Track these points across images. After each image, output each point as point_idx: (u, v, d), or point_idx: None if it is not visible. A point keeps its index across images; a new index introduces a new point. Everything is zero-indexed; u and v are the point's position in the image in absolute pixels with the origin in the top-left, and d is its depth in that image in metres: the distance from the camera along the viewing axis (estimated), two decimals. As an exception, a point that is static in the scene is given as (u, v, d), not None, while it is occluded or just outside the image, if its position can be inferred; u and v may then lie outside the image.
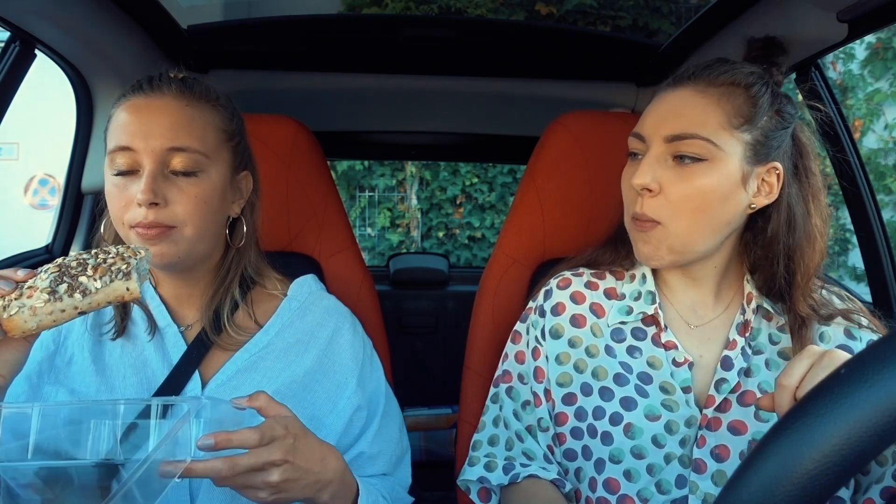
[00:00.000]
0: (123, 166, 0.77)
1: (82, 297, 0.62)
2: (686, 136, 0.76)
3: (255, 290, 0.90)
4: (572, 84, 1.67)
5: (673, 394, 0.81)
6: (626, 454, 0.79)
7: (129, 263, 0.64)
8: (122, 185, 0.78)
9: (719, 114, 0.76)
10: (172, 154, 0.77)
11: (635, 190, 0.79)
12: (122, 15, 1.20)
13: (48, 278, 0.62)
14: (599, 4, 3.63)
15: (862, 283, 5.08)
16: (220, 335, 0.84)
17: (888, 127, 5.34)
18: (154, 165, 0.76)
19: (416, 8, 3.84)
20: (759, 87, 0.78)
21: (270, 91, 1.65)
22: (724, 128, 0.76)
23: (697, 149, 0.76)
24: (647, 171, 0.77)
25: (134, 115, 0.78)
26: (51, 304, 0.61)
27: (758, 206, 0.80)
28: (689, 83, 0.80)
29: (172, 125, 0.78)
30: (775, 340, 0.83)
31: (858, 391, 0.28)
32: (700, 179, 0.76)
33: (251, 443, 0.62)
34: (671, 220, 0.77)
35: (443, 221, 5.93)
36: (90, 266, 0.63)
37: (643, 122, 0.82)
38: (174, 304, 0.87)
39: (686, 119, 0.77)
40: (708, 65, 0.80)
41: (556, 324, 0.89)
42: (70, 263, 0.64)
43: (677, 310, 0.87)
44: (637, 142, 0.82)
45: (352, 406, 0.86)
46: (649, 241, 0.80)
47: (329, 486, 0.70)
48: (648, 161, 0.78)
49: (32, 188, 5.61)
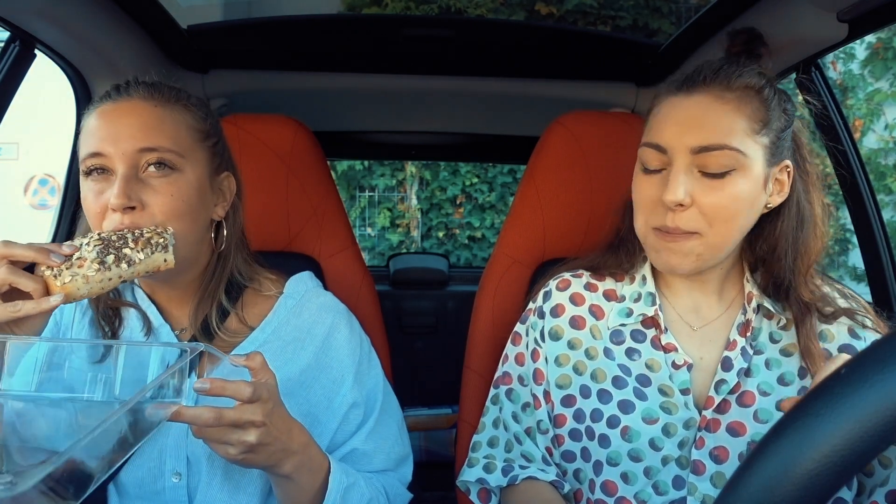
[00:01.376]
0: (93, 172, 0.77)
1: (127, 266, 0.69)
2: (715, 146, 0.74)
3: (247, 293, 0.90)
4: (572, 84, 1.67)
5: (672, 396, 0.80)
6: (623, 457, 0.79)
7: (165, 238, 0.72)
8: (98, 191, 0.76)
9: (742, 120, 0.75)
10: (144, 154, 0.76)
11: (665, 205, 0.76)
12: (122, 15, 1.20)
13: (94, 250, 0.68)
14: (599, 4, 3.62)
15: (862, 283, 5.08)
16: (212, 340, 0.84)
17: (888, 127, 5.34)
18: (126, 168, 0.75)
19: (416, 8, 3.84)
20: (769, 90, 0.77)
21: (270, 91, 1.65)
22: (748, 134, 0.75)
23: (727, 159, 0.74)
24: (679, 187, 0.74)
25: (102, 120, 0.77)
26: (101, 272, 0.67)
27: (773, 205, 0.80)
28: (704, 89, 0.77)
29: (142, 126, 0.77)
30: (776, 339, 0.83)
31: (858, 391, 0.28)
32: (730, 189, 0.74)
33: (243, 395, 0.63)
34: (708, 230, 0.76)
35: (443, 221, 5.93)
36: (130, 240, 0.70)
37: (662, 133, 0.78)
38: (168, 307, 0.87)
39: (712, 129, 0.74)
40: (719, 68, 0.78)
41: (555, 325, 0.89)
42: (111, 238, 0.69)
43: (679, 312, 0.86)
44: (657, 154, 0.78)
45: (347, 403, 0.86)
46: (679, 251, 0.77)
47: (292, 458, 0.71)
48: (677, 175, 0.75)
49: (32, 188, 5.60)
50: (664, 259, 0.79)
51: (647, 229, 0.81)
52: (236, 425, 0.64)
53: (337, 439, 0.86)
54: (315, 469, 0.75)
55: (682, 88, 0.78)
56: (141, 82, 0.81)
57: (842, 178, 1.30)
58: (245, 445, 0.65)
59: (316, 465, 0.76)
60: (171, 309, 0.87)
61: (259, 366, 0.68)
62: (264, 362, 0.68)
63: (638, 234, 0.83)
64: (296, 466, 0.72)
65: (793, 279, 0.81)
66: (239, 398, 0.64)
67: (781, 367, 0.80)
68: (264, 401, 0.65)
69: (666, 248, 0.78)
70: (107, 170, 0.76)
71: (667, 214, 0.76)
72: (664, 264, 0.80)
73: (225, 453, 0.66)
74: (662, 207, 0.77)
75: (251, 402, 0.64)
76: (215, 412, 0.62)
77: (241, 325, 0.87)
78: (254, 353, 0.68)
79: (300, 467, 0.73)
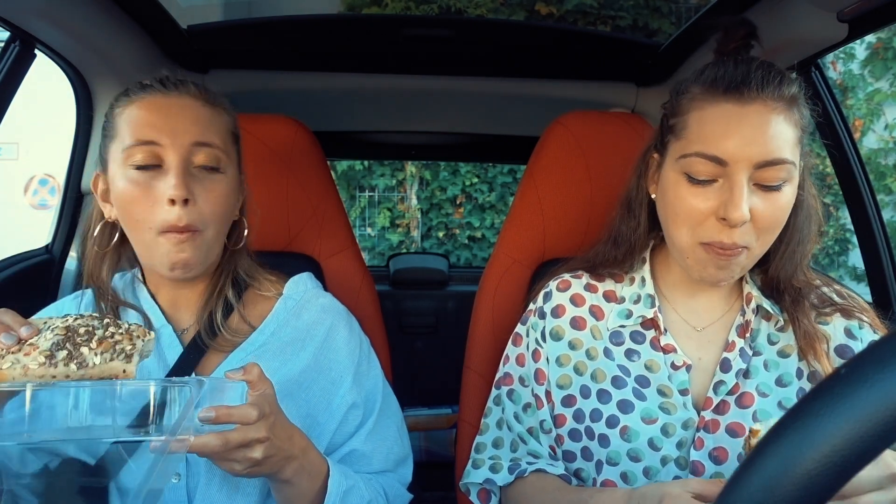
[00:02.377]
0: (143, 161, 0.76)
1: (77, 368, 0.61)
2: (778, 161, 0.72)
3: (248, 292, 0.90)
4: (572, 84, 1.67)
5: (670, 396, 0.80)
6: (623, 457, 0.79)
7: (136, 345, 0.64)
8: (144, 182, 0.76)
9: (793, 132, 0.74)
10: (197, 149, 0.78)
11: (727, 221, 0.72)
12: (122, 15, 1.20)
13: (52, 339, 0.61)
14: (599, 4, 3.63)
15: (862, 283, 5.08)
16: (216, 339, 0.84)
17: (888, 127, 5.34)
18: (180, 161, 0.76)
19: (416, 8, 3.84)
20: (803, 95, 0.76)
21: (270, 91, 1.65)
22: (796, 145, 0.74)
23: (784, 173, 0.73)
24: (745, 204, 0.71)
25: (155, 112, 0.77)
26: (44, 367, 0.60)
27: None
28: (758, 98, 0.72)
29: (196, 121, 0.78)
30: (774, 340, 0.83)
31: (858, 391, 0.28)
32: (782, 200, 0.74)
33: (250, 419, 0.63)
34: (756, 243, 0.75)
35: (443, 221, 5.93)
36: (96, 338, 0.62)
37: (721, 145, 0.72)
38: (170, 308, 0.87)
39: (774, 143, 0.72)
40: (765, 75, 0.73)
41: (556, 326, 0.89)
42: (78, 329, 0.63)
43: (679, 313, 0.86)
44: (712, 166, 0.73)
45: (346, 404, 0.86)
46: (728, 266, 0.76)
47: (292, 462, 0.71)
48: (741, 191, 0.71)
49: (32, 188, 5.61)
50: (711, 274, 0.77)
51: (693, 243, 0.76)
52: (242, 446, 0.63)
53: (336, 440, 0.86)
54: (314, 473, 0.75)
55: (732, 94, 0.73)
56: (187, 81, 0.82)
57: (842, 179, 1.30)
58: (251, 461, 0.65)
59: (315, 468, 0.76)
60: (174, 309, 0.87)
61: (257, 378, 0.66)
62: (261, 373, 0.66)
63: (677, 246, 0.79)
64: (296, 471, 0.72)
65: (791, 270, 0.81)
66: (246, 422, 0.63)
67: (780, 369, 0.80)
68: (267, 416, 0.65)
69: (715, 263, 0.76)
70: (156, 160, 0.76)
71: (722, 230, 0.73)
72: (710, 278, 0.78)
73: (231, 469, 0.66)
74: (716, 221, 0.73)
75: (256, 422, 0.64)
76: (222, 438, 0.62)
77: (242, 324, 0.87)
78: (250, 364, 0.66)
79: (300, 471, 0.73)
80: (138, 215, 0.77)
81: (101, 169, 0.83)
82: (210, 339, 0.84)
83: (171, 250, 0.76)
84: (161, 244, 0.77)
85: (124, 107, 0.80)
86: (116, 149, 0.79)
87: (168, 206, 0.75)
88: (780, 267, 0.82)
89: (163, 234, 0.76)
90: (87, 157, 1.37)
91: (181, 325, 0.87)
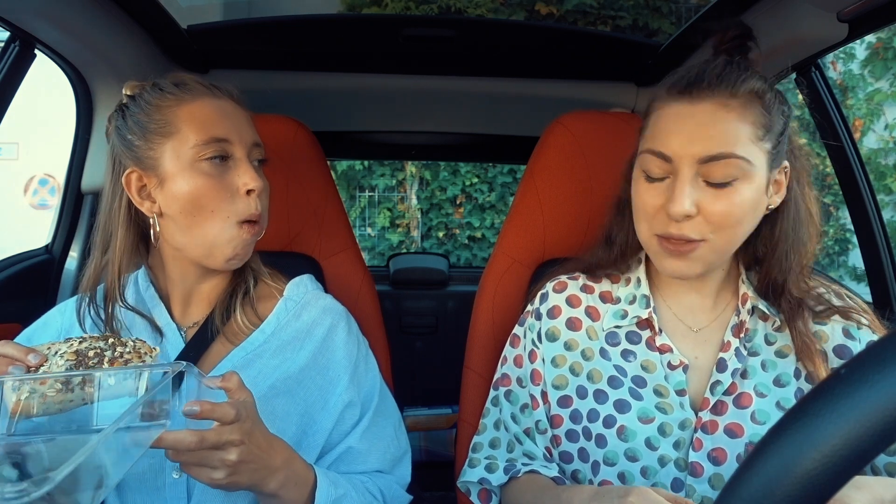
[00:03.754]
0: (216, 154, 0.80)
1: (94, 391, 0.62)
2: (722, 156, 0.73)
3: (259, 284, 0.92)
4: (572, 84, 1.67)
5: (667, 396, 0.81)
6: (620, 457, 0.79)
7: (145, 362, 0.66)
8: (219, 175, 0.80)
9: (746, 127, 0.74)
10: (254, 148, 0.85)
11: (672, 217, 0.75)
12: (122, 15, 1.20)
13: (63, 366, 0.63)
14: (599, 4, 3.63)
15: (862, 283, 5.08)
16: (218, 336, 0.85)
17: (888, 127, 5.34)
18: (245, 156, 0.83)
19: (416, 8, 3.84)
20: (770, 94, 0.76)
21: (270, 91, 1.65)
22: (752, 142, 0.74)
23: (732, 168, 0.73)
24: (685, 199, 0.73)
25: (217, 111, 0.83)
26: (62, 394, 0.61)
27: (773, 206, 0.79)
28: (708, 96, 0.75)
29: (247, 121, 0.86)
30: (771, 341, 0.83)
31: (858, 391, 0.28)
32: (735, 197, 0.74)
33: (228, 418, 0.63)
34: (714, 236, 0.75)
35: (443, 221, 5.93)
36: (107, 359, 0.64)
37: (668, 142, 0.76)
38: (181, 304, 0.88)
39: (718, 138, 0.73)
40: (721, 73, 0.76)
41: (551, 327, 0.89)
42: (87, 353, 0.64)
43: (675, 313, 0.87)
44: (661, 163, 0.77)
45: (342, 402, 0.87)
46: (686, 258, 0.77)
47: (276, 474, 0.71)
48: (683, 186, 0.74)
49: (32, 188, 5.61)
50: (670, 266, 0.78)
51: (650, 236, 0.80)
52: (216, 447, 0.63)
53: (332, 439, 0.87)
54: (301, 483, 0.75)
55: (684, 94, 0.76)
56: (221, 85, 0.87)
57: (842, 179, 1.30)
58: (226, 464, 0.64)
59: (301, 479, 0.75)
60: (185, 305, 0.88)
61: (236, 386, 0.66)
62: (240, 382, 0.67)
63: (641, 240, 0.82)
64: (281, 483, 0.72)
65: (787, 277, 0.81)
66: (225, 421, 0.63)
67: (777, 369, 0.80)
68: (242, 420, 0.65)
69: (670, 255, 0.78)
70: (227, 154, 0.82)
71: (671, 223, 0.76)
72: (671, 271, 0.79)
73: (208, 478, 0.65)
74: (666, 216, 0.76)
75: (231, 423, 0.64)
76: (197, 435, 0.61)
77: (245, 321, 0.88)
78: (229, 373, 0.67)
79: (285, 483, 0.72)
80: (215, 206, 0.80)
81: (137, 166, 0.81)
82: (212, 336, 0.85)
83: (244, 241, 0.83)
84: (236, 235, 0.82)
85: (174, 105, 0.81)
86: (178, 145, 0.80)
87: (245, 197, 0.82)
88: (771, 271, 0.82)
89: (242, 226, 0.82)
90: (87, 157, 1.37)
91: (189, 321, 0.88)
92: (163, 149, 0.80)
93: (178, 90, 0.82)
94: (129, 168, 0.82)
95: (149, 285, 0.89)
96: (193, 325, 0.88)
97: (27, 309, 1.08)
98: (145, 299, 0.88)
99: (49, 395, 0.61)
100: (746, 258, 0.84)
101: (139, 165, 0.81)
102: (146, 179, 0.82)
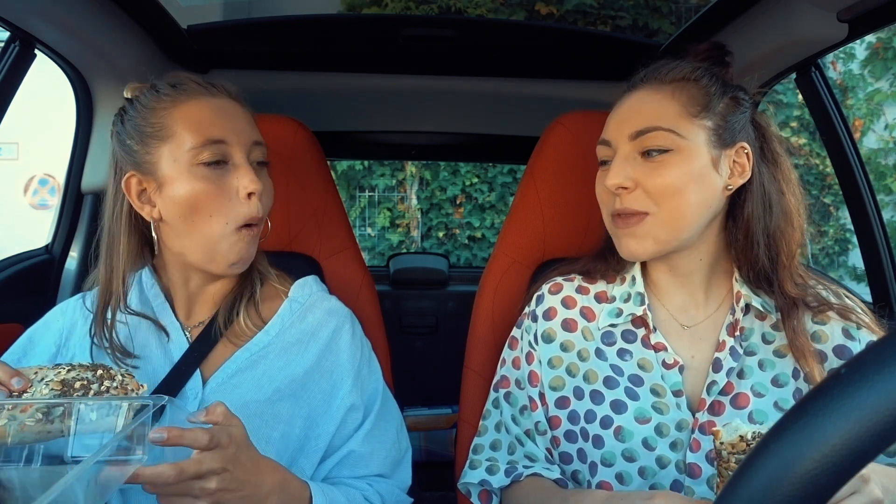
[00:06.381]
0: (214, 157, 0.79)
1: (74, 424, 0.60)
2: (648, 129, 0.79)
3: (266, 285, 0.92)
4: (572, 84, 1.67)
5: (664, 396, 0.80)
6: (618, 457, 0.79)
7: None
8: (216, 178, 0.79)
9: (675, 105, 0.80)
10: (255, 147, 0.83)
11: (611, 191, 0.82)
12: (122, 15, 1.20)
13: (48, 395, 0.61)
14: (599, 4, 3.63)
15: (862, 283, 5.08)
16: (222, 337, 0.85)
17: (888, 127, 5.34)
18: (245, 157, 0.81)
19: (416, 8, 3.84)
20: (707, 79, 0.82)
21: (270, 91, 1.65)
22: (682, 116, 0.79)
23: (661, 140, 0.79)
24: (619, 172, 0.80)
25: (213, 112, 0.81)
26: (41, 424, 0.59)
27: (734, 186, 0.81)
28: (641, 85, 0.84)
29: (247, 120, 0.84)
30: (769, 339, 0.82)
31: (858, 391, 0.28)
32: (671, 169, 0.78)
33: (200, 443, 0.60)
34: (657, 208, 0.79)
35: (443, 221, 5.93)
36: (91, 393, 0.62)
37: (607, 129, 0.86)
38: (186, 304, 0.88)
39: (645, 115, 0.81)
40: (656, 66, 0.85)
41: (548, 328, 0.89)
42: (73, 383, 0.63)
43: (668, 310, 0.87)
44: (605, 149, 0.85)
45: (345, 406, 0.86)
46: (635, 235, 0.81)
47: (267, 500, 0.69)
48: (618, 162, 0.81)
49: (32, 188, 5.61)
50: (625, 245, 0.83)
51: (607, 218, 0.86)
52: (196, 477, 0.61)
53: (335, 443, 0.86)
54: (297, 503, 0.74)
55: (625, 89, 0.87)
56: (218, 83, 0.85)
57: (842, 179, 1.30)
58: (206, 492, 0.62)
59: (296, 500, 0.74)
60: (189, 306, 0.88)
61: (220, 418, 0.64)
62: (226, 412, 0.65)
63: (607, 227, 0.87)
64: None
65: (776, 272, 0.81)
66: (196, 447, 0.60)
67: (775, 369, 0.80)
68: (224, 446, 0.62)
69: (623, 233, 0.82)
70: (224, 157, 0.80)
71: (616, 199, 0.82)
72: (626, 251, 0.83)
73: None
74: (611, 195, 0.82)
75: (209, 450, 0.61)
76: (176, 468, 0.59)
77: (256, 317, 0.88)
78: (213, 405, 0.64)
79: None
80: (213, 210, 0.79)
81: (136, 170, 0.81)
82: (216, 337, 0.85)
83: (245, 245, 0.81)
84: (235, 239, 0.80)
85: (170, 107, 0.80)
86: (174, 149, 0.79)
87: (245, 201, 0.80)
88: (756, 259, 0.82)
89: (242, 230, 0.80)
90: (87, 157, 1.37)
91: (193, 321, 0.88)
92: (160, 153, 0.79)
93: (174, 91, 0.81)
94: (129, 172, 0.81)
95: (153, 284, 0.88)
96: (198, 325, 0.87)
97: (27, 309, 1.08)
98: (150, 298, 0.88)
99: (28, 425, 0.59)
100: (737, 254, 0.84)
101: (138, 170, 0.81)
102: (145, 184, 0.81)
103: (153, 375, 0.82)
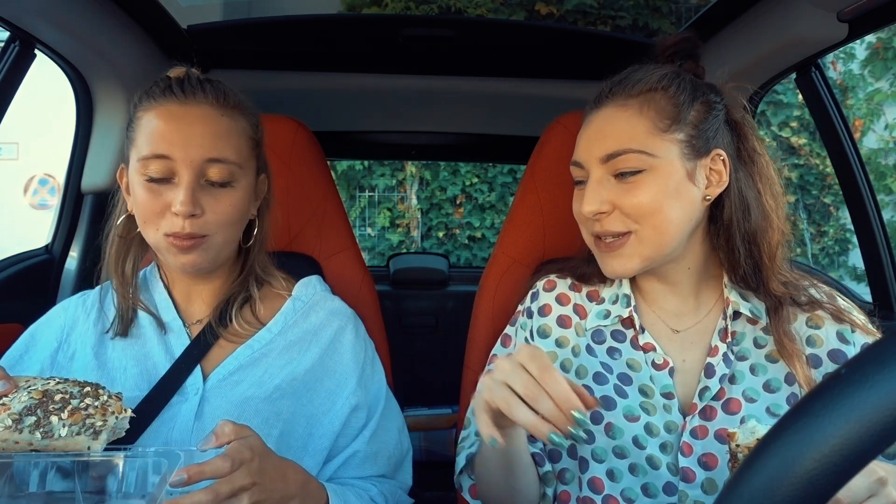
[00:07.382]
0: (157, 174, 0.77)
1: (41, 437, 0.60)
2: (618, 152, 0.77)
3: (264, 288, 0.92)
4: (572, 84, 1.67)
5: (651, 397, 0.80)
6: (609, 453, 0.79)
7: (107, 422, 0.62)
8: (156, 190, 0.78)
9: (644, 122, 0.78)
10: (209, 165, 0.78)
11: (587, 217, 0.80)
12: (122, 15, 1.20)
13: (25, 402, 0.60)
14: (599, 4, 3.63)
15: (862, 283, 5.08)
16: (224, 333, 0.85)
17: (888, 127, 5.34)
18: (192, 176, 0.77)
19: (416, 8, 3.84)
20: (676, 86, 0.79)
21: (270, 91, 1.65)
22: (652, 133, 0.77)
23: (633, 162, 0.77)
24: (594, 198, 0.79)
25: (171, 123, 0.78)
26: (9, 432, 0.59)
27: (712, 196, 0.80)
28: (608, 101, 0.81)
29: (211, 136, 0.78)
30: (761, 343, 0.81)
31: (858, 391, 0.28)
32: (645, 189, 0.77)
33: (223, 471, 0.61)
34: (638, 226, 0.78)
35: (443, 221, 5.93)
36: (69, 408, 0.61)
37: (578, 150, 0.84)
38: (184, 301, 0.89)
39: (614, 136, 0.78)
40: (622, 78, 0.82)
41: (543, 324, 0.90)
42: (54, 395, 0.62)
43: (658, 314, 0.86)
44: (578, 169, 0.84)
45: (349, 406, 0.86)
46: (620, 255, 0.80)
47: (292, 501, 0.70)
48: (592, 186, 0.80)
49: (32, 188, 5.61)
50: (609, 265, 0.82)
51: (588, 239, 0.85)
52: (231, 496, 0.62)
53: (339, 443, 0.86)
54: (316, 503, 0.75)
55: (592, 106, 0.84)
56: (207, 82, 0.82)
57: (842, 179, 1.30)
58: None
59: (315, 499, 0.75)
60: (188, 301, 0.89)
61: (232, 436, 0.64)
62: (235, 428, 0.65)
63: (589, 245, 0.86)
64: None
65: (759, 272, 0.80)
66: (220, 475, 0.61)
67: (767, 374, 0.79)
68: (248, 461, 0.63)
69: (607, 254, 0.81)
70: (167, 178, 0.77)
71: (595, 222, 0.81)
72: (610, 271, 0.82)
73: None
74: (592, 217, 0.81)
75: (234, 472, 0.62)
76: (210, 492, 0.60)
77: (253, 319, 0.88)
78: (219, 426, 0.64)
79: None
80: (147, 218, 0.79)
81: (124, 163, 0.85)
82: (218, 333, 0.85)
83: (177, 254, 0.79)
84: (162, 246, 0.79)
85: (145, 111, 0.80)
86: (134, 154, 0.80)
87: (174, 218, 0.77)
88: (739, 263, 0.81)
89: (166, 238, 0.78)
90: (87, 157, 1.37)
91: (193, 318, 0.88)
92: (130, 153, 0.82)
93: (156, 92, 0.81)
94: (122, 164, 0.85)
95: (157, 280, 0.90)
96: (197, 322, 0.88)
97: (27, 309, 1.08)
98: (153, 293, 0.89)
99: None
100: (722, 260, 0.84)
101: (126, 163, 0.84)
102: (127, 178, 0.84)
103: (153, 369, 0.83)
